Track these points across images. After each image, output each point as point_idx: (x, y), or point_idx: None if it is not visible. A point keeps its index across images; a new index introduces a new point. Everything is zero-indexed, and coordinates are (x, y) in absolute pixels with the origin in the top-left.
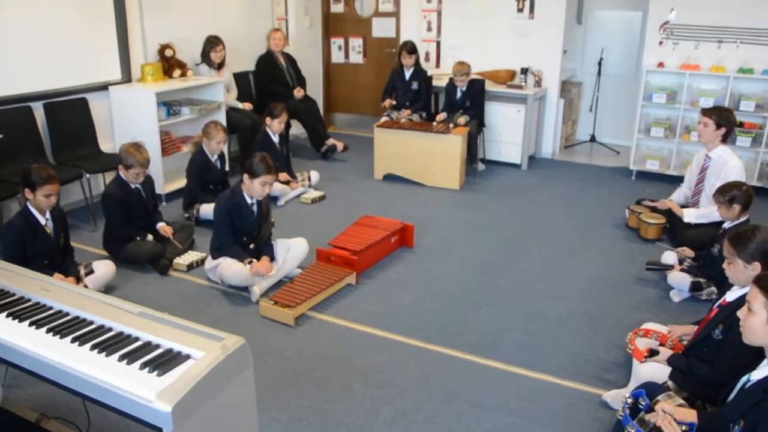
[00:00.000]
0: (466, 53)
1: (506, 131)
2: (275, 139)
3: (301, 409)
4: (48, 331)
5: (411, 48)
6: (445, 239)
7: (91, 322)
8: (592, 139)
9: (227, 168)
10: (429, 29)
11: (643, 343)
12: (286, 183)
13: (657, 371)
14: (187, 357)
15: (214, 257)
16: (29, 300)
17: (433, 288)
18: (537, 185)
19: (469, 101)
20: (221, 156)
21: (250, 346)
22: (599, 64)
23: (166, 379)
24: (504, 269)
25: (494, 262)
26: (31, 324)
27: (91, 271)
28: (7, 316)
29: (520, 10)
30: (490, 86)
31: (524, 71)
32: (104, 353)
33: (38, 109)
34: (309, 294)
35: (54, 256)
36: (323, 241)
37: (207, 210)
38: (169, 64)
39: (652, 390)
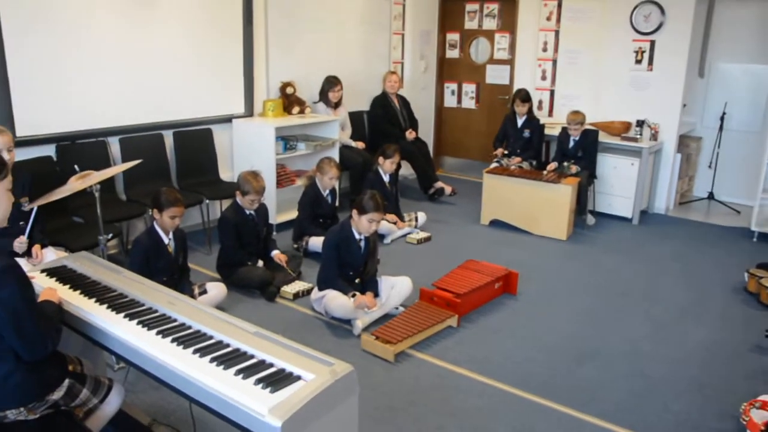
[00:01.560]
0: (580, 103)
1: (618, 184)
2: (386, 178)
3: None
4: (173, 341)
5: (525, 96)
6: (549, 289)
7: (211, 337)
8: (710, 196)
9: (337, 203)
10: (543, 78)
11: (759, 415)
12: (394, 222)
13: None
14: (298, 378)
15: (321, 289)
16: (156, 311)
17: (534, 337)
18: (648, 241)
19: (581, 151)
20: (332, 191)
21: None
22: (722, 118)
23: (278, 396)
24: (609, 324)
25: (600, 317)
26: (158, 333)
27: (204, 291)
28: (138, 323)
29: (639, 62)
30: (603, 137)
31: (640, 124)
32: (222, 366)
33: (168, 137)
34: (410, 332)
35: (173, 274)
36: (427, 281)
37: (315, 242)
38: (289, 101)
39: None
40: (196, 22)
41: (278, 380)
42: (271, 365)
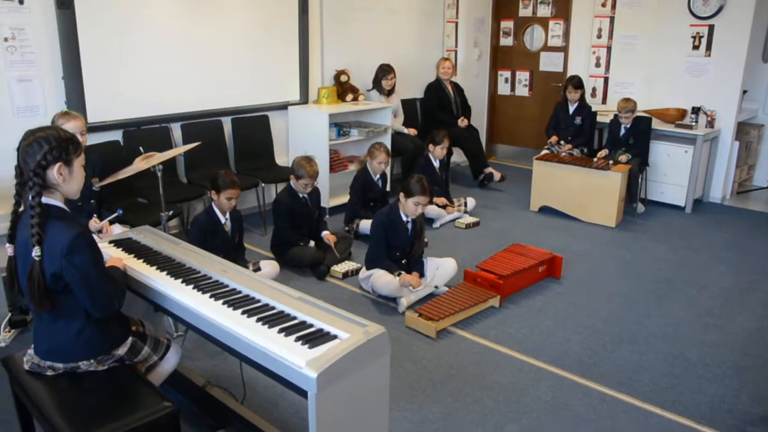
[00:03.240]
0: (635, 90)
1: (671, 172)
2: (436, 164)
3: (431, 414)
4: (224, 303)
5: (577, 83)
6: (593, 274)
7: (258, 300)
8: None
9: (388, 188)
10: (597, 65)
11: None
12: (443, 207)
13: None
14: (335, 337)
15: (368, 268)
16: (210, 278)
17: (574, 319)
18: (700, 230)
19: (632, 139)
20: (383, 176)
21: (394, 351)
22: None
23: (315, 352)
24: (651, 309)
25: (642, 302)
26: (211, 296)
27: (258, 269)
28: (193, 288)
29: (696, 47)
30: (657, 125)
31: (696, 111)
32: (267, 326)
33: (227, 123)
34: (453, 310)
35: (228, 252)
36: (472, 264)
37: (366, 225)
38: (343, 88)
39: None
40: (254, 11)
41: (316, 338)
42: (311, 326)
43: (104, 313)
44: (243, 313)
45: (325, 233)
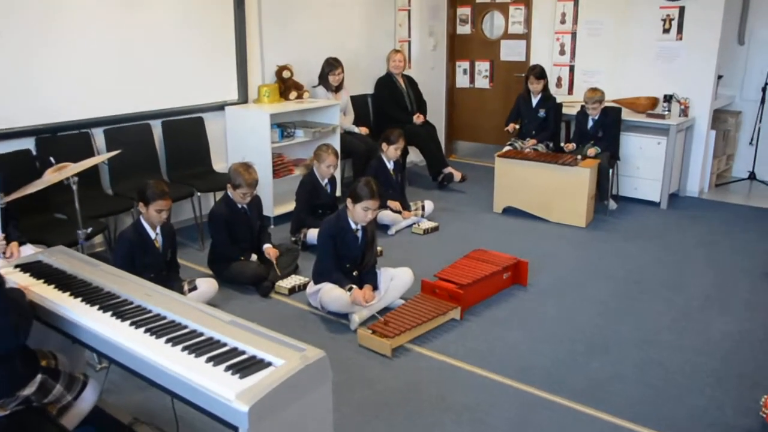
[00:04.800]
0: (603, 79)
1: (644, 165)
2: (390, 165)
3: None
4: (146, 331)
5: (539, 73)
6: (562, 279)
7: (185, 326)
8: (752, 176)
9: (338, 193)
10: (562, 53)
11: None
12: (398, 212)
13: None
14: (269, 364)
15: (316, 282)
16: (132, 303)
17: (542, 329)
18: (677, 227)
19: (601, 131)
20: (332, 180)
21: (345, 374)
22: (764, 89)
23: (246, 382)
24: (624, 314)
25: (615, 307)
26: (131, 324)
27: (194, 288)
28: (112, 315)
29: (666, 31)
30: (627, 115)
31: (668, 99)
32: (193, 354)
33: (157, 127)
34: (409, 325)
35: (160, 270)
36: (431, 273)
37: (314, 235)
38: (285, 85)
39: None
40: (185, 4)
41: (248, 366)
42: (242, 352)
43: (4, 347)
44: (167, 341)
45: (266, 247)
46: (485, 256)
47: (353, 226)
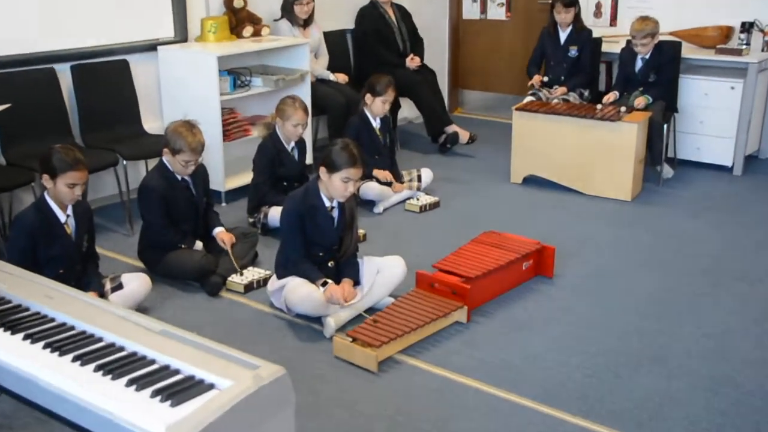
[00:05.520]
0: (656, 4)
1: (711, 119)
2: (376, 124)
3: None
4: (46, 346)
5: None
6: (600, 268)
7: (101, 339)
8: None
9: (308, 160)
10: None
11: None
12: (388, 184)
13: None
14: (211, 386)
15: (280, 276)
16: (28, 309)
17: (574, 334)
18: (755, 198)
19: (653, 74)
20: (300, 143)
21: (317, 395)
22: None
23: (180, 411)
24: (684, 314)
25: (670, 304)
26: (26, 337)
27: (119, 286)
28: None
29: None
30: (689, 52)
31: (746, 28)
32: (110, 376)
33: (64, 73)
34: (400, 331)
35: (73, 264)
36: (429, 263)
37: (277, 214)
38: (238, 18)
39: None
40: None
41: (183, 390)
42: (176, 372)
43: None
44: (75, 359)
45: (218, 231)
46: (499, 241)
47: (327, 202)
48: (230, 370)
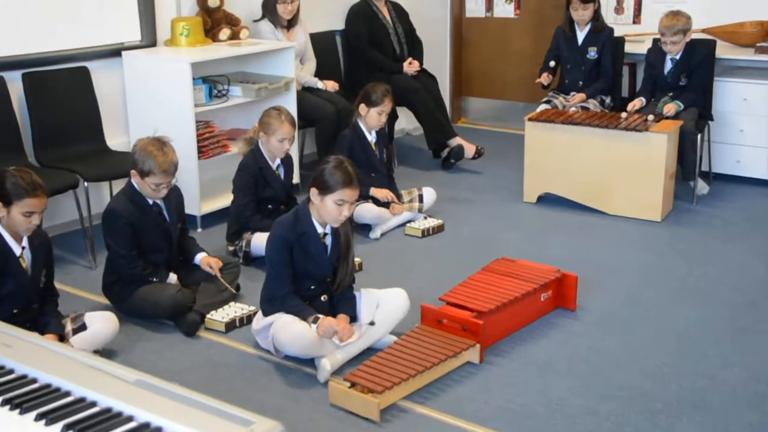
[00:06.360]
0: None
1: (751, 127)
2: (371, 137)
3: None
4: (5, 403)
5: None
6: (629, 299)
7: (68, 393)
8: None
9: (296, 179)
10: None
11: None
12: (386, 205)
13: None
14: None
15: (266, 313)
16: None
17: (602, 376)
18: None
19: (685, 78)
20: (287, 161)
21: None
22: None
23: None
24: (728, 353)
25: (711, 341)
26: None
27: (82, 327)
28: None
29: None
30: (725, 51)
31: None
32: None
33: (14, 83)
34: (405, 374)
35: (29, 303)
36: (435, 295)
37: (262, 241)
38: (213, 19)
39: None
40: None
41: None
42: (157, 430)
43: None
44: (38, 417)
45: (201, 256)
46: (513, 269)
47: (319, 228)
48: (220, 428)
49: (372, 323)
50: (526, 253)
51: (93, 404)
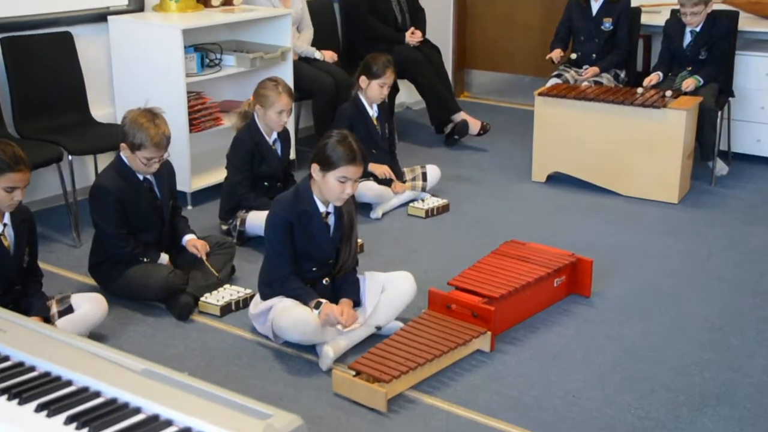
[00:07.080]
0: None
1: None
2: (372, 111)
3: None
4: (2, 392)
5: None
6: (646, 285)
7: (69, 382)
8: None
9: (293, 154)
10: None
11: None
12: (387, 183)
13: None
14: None
15: (265, 296)
16: None
17: (620, 366)
18: None
19: (705, 52)
20: (284, 135)
21: None
22: None
23: None
24: (752, 342)
25: (735, 330)
26: None
27: (69, 309)
28: None
29: None
30: (747, 24)
31: None
32: (86, 429)
33: None
34: (412, 363)
35: (12, 284)
36: (441, 278)
37: (257, 220)
38: None
39: None
40: None
41: None
42: (167, 423)
43: None
44: (39, 408)
45: (188, 238)
46: (524, 252)
47: (322, 207)
48: (236, 421)
49: (379, 328)
50: (536, 236)
51: (97, 395)
